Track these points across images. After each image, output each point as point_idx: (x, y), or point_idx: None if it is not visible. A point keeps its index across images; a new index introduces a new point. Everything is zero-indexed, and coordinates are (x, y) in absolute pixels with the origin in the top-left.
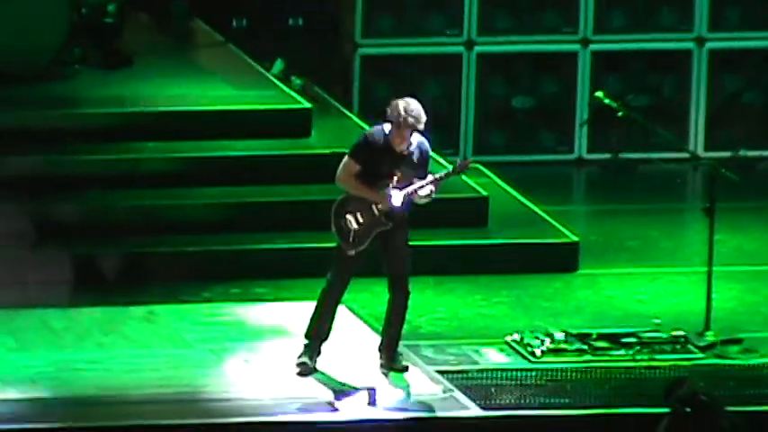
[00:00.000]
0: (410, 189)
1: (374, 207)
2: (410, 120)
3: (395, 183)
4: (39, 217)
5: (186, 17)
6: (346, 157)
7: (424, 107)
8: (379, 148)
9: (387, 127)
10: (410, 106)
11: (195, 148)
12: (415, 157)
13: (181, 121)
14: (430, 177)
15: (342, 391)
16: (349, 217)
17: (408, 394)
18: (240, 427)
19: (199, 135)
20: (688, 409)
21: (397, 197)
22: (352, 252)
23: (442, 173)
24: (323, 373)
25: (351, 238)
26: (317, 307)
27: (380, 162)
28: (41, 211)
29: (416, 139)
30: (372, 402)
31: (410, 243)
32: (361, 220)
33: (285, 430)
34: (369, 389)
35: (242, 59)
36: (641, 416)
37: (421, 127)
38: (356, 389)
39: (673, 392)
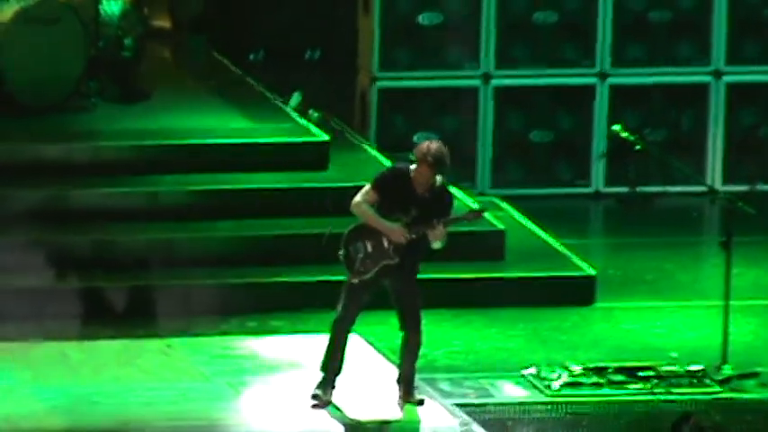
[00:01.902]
0: (421, 228)
1: (384, 240)
2: (429, 158)
3: (407, 220)
4: (55, 249)
5: (203, 50)
6: (367, 185)
7: (441, 140)
8: (402, 184)
9: (413, 167)
10: (433, 146)
11: (212, 180)
12: (433, 202)
13: (198, 154)
14: (446, 219)
15: (357, 424)
16: (358, 245)
17: (425, 428)
18: None
19: (216, 168)
20: None
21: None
22: (356, 281)
23: (454, 216)
24: (338, 407)
25: (357, 267)
26: (329, 340)
27: (399, 198)
28: (57, 243)
29: (440, 186)
30: None
31: (428, 276)
32: (369, 250)
33: None
34: (385, 422)
35: (259, 92)
36: None
37: (441, 169)
38: (372, 422)
39: (679, 428)
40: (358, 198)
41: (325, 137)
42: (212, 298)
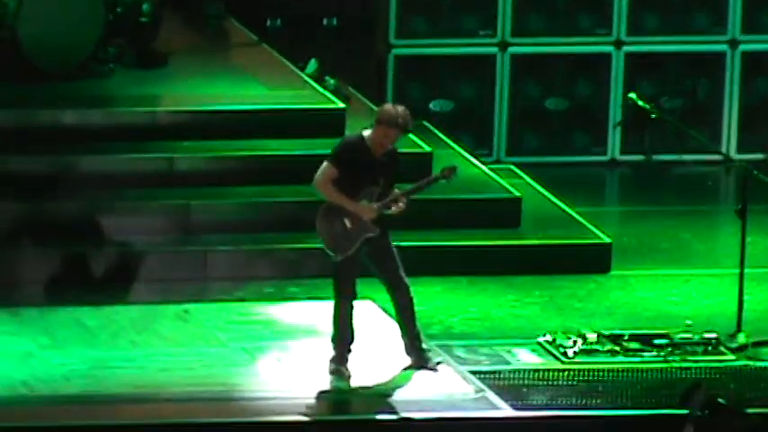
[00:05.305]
0: (395, 197)
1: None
2: (401, 121)
3: (379, 190)
4: (72, 215)
5: (221, 17)
6: (325, 163)
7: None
8: (358, 153)
9: (365, 133)
10: (401, 109)
11: (229, 147)
12: (389, 162)
13: (215, 120)
14: (416, 184)
15: (374, 390)
16: (336, 223)
17: (441, 394)
18: (273, 425)
19: (232, 134)
20: (706, 413)
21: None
22: (342, 258)
23: (428, 178)
24: (355, 374)
25: (341, 244)
26: (334, 319)
27: (359, 167)
28: (74, 209)
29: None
30: (405, 402)
31: (444, 243)
32: (349, 226)
33: (317, 429)
34: (401, 388)
35: (276, 59)
36: (672, 417)
37: (408, 131)
38: (389, 388)
39: (690, 397)
40: (319, 178)
41: (342, 104)
42: (229, 264)
